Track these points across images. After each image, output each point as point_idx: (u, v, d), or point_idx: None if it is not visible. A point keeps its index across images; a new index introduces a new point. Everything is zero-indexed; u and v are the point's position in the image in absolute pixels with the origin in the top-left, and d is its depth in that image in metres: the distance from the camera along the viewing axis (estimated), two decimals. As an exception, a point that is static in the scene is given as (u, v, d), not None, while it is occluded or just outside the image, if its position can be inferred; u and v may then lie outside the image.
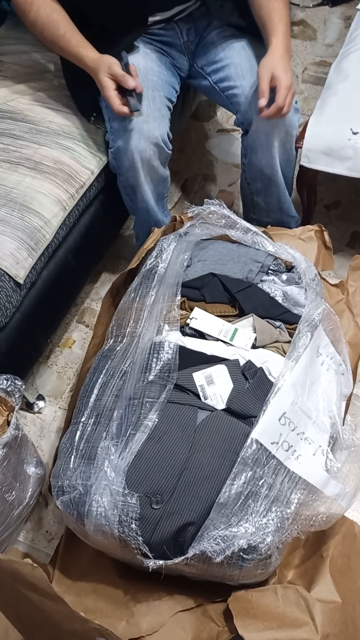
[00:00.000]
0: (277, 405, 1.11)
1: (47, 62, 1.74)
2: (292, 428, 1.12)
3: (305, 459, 1.11)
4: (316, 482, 1.10)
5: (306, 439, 1.13)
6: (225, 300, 1.37)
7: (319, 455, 1.13)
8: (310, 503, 1.11)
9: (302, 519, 1.09)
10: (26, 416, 1.64)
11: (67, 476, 1.12)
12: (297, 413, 1.14)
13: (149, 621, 1.12)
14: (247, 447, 1.06)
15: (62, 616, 0.96)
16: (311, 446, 1.13)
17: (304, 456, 1.11)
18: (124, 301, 1.39)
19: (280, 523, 1.05)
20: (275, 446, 1.08)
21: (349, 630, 1.13)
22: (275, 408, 1.11)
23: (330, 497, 1.11)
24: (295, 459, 1.10)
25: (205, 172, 2.18)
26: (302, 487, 1.10)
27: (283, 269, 1.45)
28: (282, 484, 1.08)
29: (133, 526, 1.03)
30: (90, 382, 1.25)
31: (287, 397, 1.13)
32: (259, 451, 1.07)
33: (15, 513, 1.35)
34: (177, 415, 1.14)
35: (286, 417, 1.11)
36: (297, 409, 1.14)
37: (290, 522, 1.07)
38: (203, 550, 1.00)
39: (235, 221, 1.45)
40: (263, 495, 1.05)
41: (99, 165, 1.55)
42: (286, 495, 1.07)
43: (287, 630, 1.08)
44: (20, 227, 1.39)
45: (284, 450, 1.09)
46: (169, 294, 1.31)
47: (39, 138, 1.54)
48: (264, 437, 1.08)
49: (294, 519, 1.08)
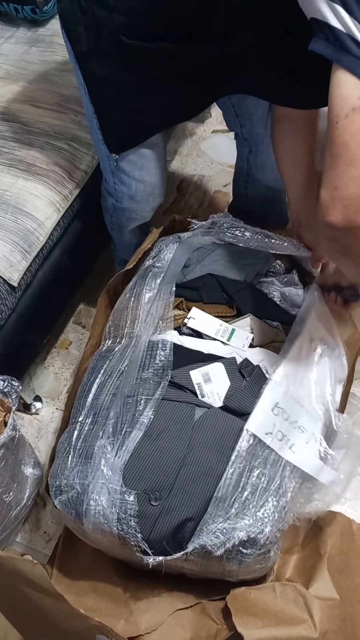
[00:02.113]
0: (269, 396, 1.12)
1: (39, 62, 1.74)
2: (286, 417, 1.12)
3: (299, 447, 1.12)
4: (310, 469, 1.11)
5: (299, 427, 1.14)
6: (222, 301, 1.37)
7: (312, 443, 1.14)
8: (305, 491, 1.11)
9: (297, 506, 1.10)
10: (23, 417, 1.64)
11: (65, 475, 1.12)
12: (290, 402, 1.14)
13: (147, 619, 1.13)
14: (242, 440, 1.07)
15: (62, 614, 0.96)
16: (304, 434, 1.14)
17: (297, 445, 1.12)
18: (120, 301, 1.39)
19: (277, 513, 1.05)
20: (269, 437, 1.09)
21: (347, 628, 1.13)
22: (268, 399, 1.12)
23: (324, 483, 1.11)
24: (289, 448, 1.10)
25: (201, 173, 2.18)
26: (297, 475, 1.10)
27: (282, 270, 1.45)
28: (277, 474, 1.08)
29: (132, 523, 1.03)
30: (87, 381, 1.25)
31: (279, 387, 1.13)
32: (253, 443, 1.08)
33: (13, 514, 1.35)
34: (174, 413, 1.15)
35: (279, 407, 1.12)
36: (289, 399, 1.14)
37: (286, 511, 1.08)
38: (203, 544, 1.01)
39: (244, 229, 1.46)
40: (260, 486, 1.06)
41: (92, 166, 1.55)
42: (282, 485, 1.08)
43: (286, 628, 1.08)
44: (13, 230, 1.38)
45: (278, 440, 1.10)
46: (166, 292, 1.31)
47: (32, 139, 1.54)
48: (258, 428, 1.09)
49: (289, 508, 1.08)
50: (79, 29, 1.13)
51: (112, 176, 1.41)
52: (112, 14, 1.07)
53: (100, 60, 1.15)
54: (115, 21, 1.08)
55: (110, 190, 1.46)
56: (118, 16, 1.07)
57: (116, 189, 1.43)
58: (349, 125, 0.81)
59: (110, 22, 1.08)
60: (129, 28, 1.08)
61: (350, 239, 0.89)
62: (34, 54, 1.76)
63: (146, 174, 1.39)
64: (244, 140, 1.50)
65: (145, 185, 1.41)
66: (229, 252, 1.44)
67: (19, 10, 1.80)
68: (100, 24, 1.10)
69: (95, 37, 1.12)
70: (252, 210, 1.67)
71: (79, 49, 1.16)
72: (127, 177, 1.39)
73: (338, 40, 0.82)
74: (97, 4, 1.08)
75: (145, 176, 1.40)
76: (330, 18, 0.82)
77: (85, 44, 1.14)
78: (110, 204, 1.51)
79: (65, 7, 1.13)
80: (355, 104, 0.80)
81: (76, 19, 1.12)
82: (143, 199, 1.45)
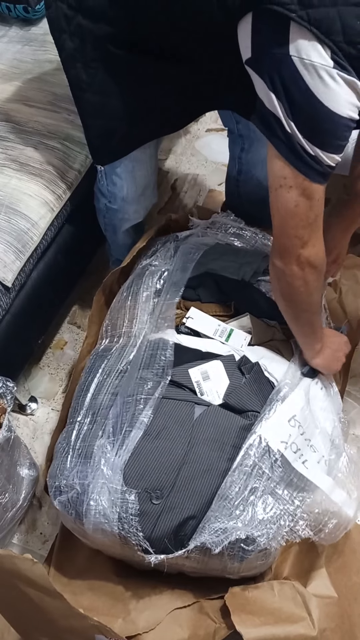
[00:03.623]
0: (288, 406, 1.12)
1: (32, 61, 1.73)
2: (301, 432, 1.13)
3: (311, 464, 1.12)
4: (323, 487, 1.11)
5: (312, 446, 1.14)
6: (220, 300, 1.37)
7: (322, 464, 1.14)
8: (314, 507, 1.11)
9: (309, 521, 1.10)
10: (19, 418, 1.63)
11: (65, 476, 1.11)
12: (306, 419, 1.15)
13: (145, 618, 1.12)
14: (252, 443, 1.07)
15: (60, 613, 0.96)
16: (316, 454, 1.14)
17: (310, 462, 1.12)
18: (117, 300, 1.39)
19: (282, 520, 1.05)
20: (284, 445, 1.09)
21: (345, 625, 1.13)
22: (287, 409, 1.12)
23: (337, 503, 1.11)
24: (302, 462, 1.10)
25: (195, 172, 2.18)
26: (307, 489, 1.10)
27: None
28: (286, 483, 1.08)
29: (133, 522, 1.03)
30: (85, 381, 1.24)
31: (299, 400, 1.14)
32: (264, 448, 1.08)
33: (9, 515, 1.35)
34: (174, 411, 1.15)
35: (296, 419, 1.12)
36: (306, 415, 1.15)
37: (294, 523, 1.07)
38: (203, 542, 1.01)
39: (243, 229, 1.46)
40: (266, 491, 1.06)
41: (86, 165, 1.55)
42: (290, 494, 1.08)
43: (284, 626, 1.08)
44: (7, 230, 1.38)
45: (292, 452, 1.10)
46: (170, 293, 1.31)
47: (25, 138, 1.53)
48: (273, 435, 1.09)
49: (297, 520, 1.08)
50: (64, 36, 1.14)
51: (104, 177, 1.42)
52: (98, 23, 1.10)
53: (85, 67, 1.16)
54: (101, 30, 1.10)
55: (103, 191, 1.46)
56: (103, 25, 1.09)
57: (108, 190, 1.44)
58: (276, 198, 0.98)
59: (96, 31, 1.10)
60: (114, 37, 1.10)
61: None
62: (26, 53, 1.76)
63: (137, 175, 1.40)
64: (239, 136, 1.50)
65: (136, 187, 1.42)
66: (227, 251, 1.44)
67: (12, 9, 1.80)
68: (85, 33, 1.12)
69: (80, 43, 1.14)
70: (247, 210, 1.67)
71: (64, 56, 1.18)
72: (118, 179, 1.40)
73: (265, 120, 0.93)
74: (82, 14, 1.10)
75: (137, 178, 1.40)
76: (262, 96, 0.92)
77: (70, 51, 1.16)
78: (103, 205, 1.51)
79: (51, 14, 1.14)
80: (280, 182, 0.96)
81: (61, 26, 1.13)
82: (134, 200, 1.46)
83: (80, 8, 1.09)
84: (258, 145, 1.48)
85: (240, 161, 1.56)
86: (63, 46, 1.16)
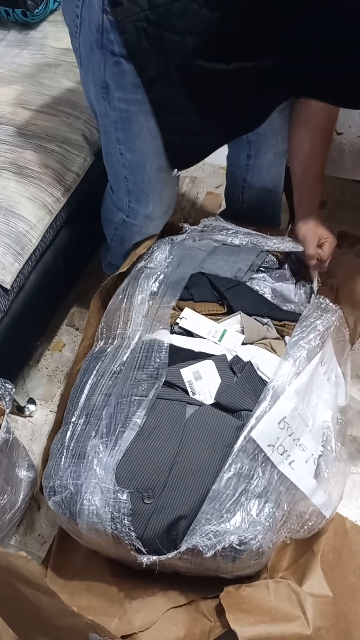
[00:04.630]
0: (279, 409, 1.12)
1: (30, 64, 1.75)
2: (290, 433, 1.13)
3: (298, 464, 1.12)
4: (305, 489, 1.12)
5: (301, 445, 1.15)
6: (213, 299, 1.38)
7: (311, 463, 1.15)
8: (299, 508, 1.13)
9: (292, 522, 1.12)
10: (17, 420, 1.64)
11: (59, 476, 1.12)
12: (296, 419, 1.15)
13: (141, 618, 1.13)
14: (243, 444, 1.07)
15: (55, 611, 0.96)
16: (304, 453, 1.14)
17: (297, 462, 1.12)
18: (113, 302, 1.40)
19: (272, 522, 1.06)
20: (271, 449, 1.09)
21: (340, 625, 1.13)
22: (277, 412, 1.12)
23: (317, 505, 1.13)
24: (288, 463, 1.11)
25: (193, 175, 2.19)
26: (293, 491, 1.11)
27: (275, 265, 1.46)
28: (275, 485, 1.09)
29: (125, 522, 1.04)
30: (80, 382, 1.25)
31: (289, 403, 1.14)
32: (255, 450, 1.08)
33: (7, 517, 1.35)
34: (165, 411, 1.15)
35: (286, 421, 1.13)
36: (296, 416, 1.15)
37: (282, 524, 1.09)
38: (195, 544, 1.01)
39: (236, 230, 1.47)
40: (256, 493, 1.07)
41: (84, 168, 1.56)
42: (279, 497, 1.09)
43: (279, 624, 1.09)
44: (5, 232, 1.39)
45: (278, 454, 1.10)
46: (166, 296, 1.32)
47: (23, 142, 1.54)
48: (262, 438, 1.09)
49: (285, 521, 1.10)
50: (146, 56, 1.11)
51: (127, 195, 1.41)
52: (185, 37, 1.07)
53: (169, 85, 1.15)
54: (190, 44, 1.08)
55: (121, 206, 1.46)
56: (192, 38, 1.07)
57: (130, 206, 1.44)
58: None
59: (184, 46, 1.08)
60: (204, 49, 1.08)
61: None
62: (25, 57, 1.77)
63: (165, 196, 1.42)
64: (247, 143, 1.51)
65: (162, 206, 1.44)
66: (220, 250, 1.45)
67: (10, 13, 1.81)
68: (171, 49, 1.09)
69: (165, 61, 1.11)
70: (246, 212, 1.68)
71: (147, 75, 1.14)
72: (145, 197, 1.40)
73: None
74: (167, 29, 1.07)
75: (164, 198, 1.42)
76: None
77: (154, 70, 1.13)
78: (118, 218, 1.50)
79: (130, 37, 1.09)
80: None
81: (142, 46, 1.09)
82: (159, 217, 1.47)
83: (161, 23, 1.06)
84: (265, 150, 1.50)
85: (247, 168, 1.57)
86: (147, 66, 1.12)
